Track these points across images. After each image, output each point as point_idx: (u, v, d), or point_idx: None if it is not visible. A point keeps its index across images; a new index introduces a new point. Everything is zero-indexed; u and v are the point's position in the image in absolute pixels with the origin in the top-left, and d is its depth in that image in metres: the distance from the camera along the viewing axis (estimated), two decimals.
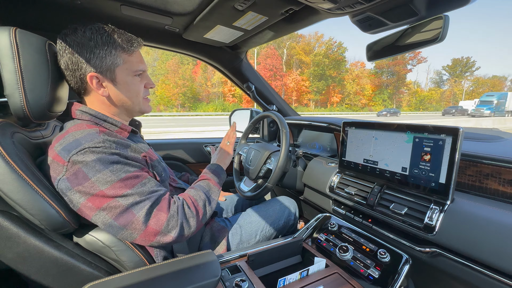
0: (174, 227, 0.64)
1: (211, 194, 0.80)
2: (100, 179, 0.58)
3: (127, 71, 0.70)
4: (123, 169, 0.61)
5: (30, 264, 0.58)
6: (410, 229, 0.76)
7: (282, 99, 1.78)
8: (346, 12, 0.85)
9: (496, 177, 0.73)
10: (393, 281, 0.70)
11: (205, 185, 0.81)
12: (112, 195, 0.58)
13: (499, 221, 0.60)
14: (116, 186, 0.58)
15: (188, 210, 0.69)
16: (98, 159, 0.58)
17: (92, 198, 0.58)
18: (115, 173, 0.59)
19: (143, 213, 0.60)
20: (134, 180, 0.62)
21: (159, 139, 1.76)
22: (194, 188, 0.79)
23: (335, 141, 1.35)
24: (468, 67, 48.88)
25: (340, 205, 1.06)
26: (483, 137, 0.96)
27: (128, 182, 0.60)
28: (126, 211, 0.59)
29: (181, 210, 0.67)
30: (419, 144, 0.78)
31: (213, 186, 0.82)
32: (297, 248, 0.87)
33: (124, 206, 0.59)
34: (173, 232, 0.64)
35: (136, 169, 0.64)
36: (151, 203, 0.62)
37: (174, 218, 0.64)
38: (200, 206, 0.73)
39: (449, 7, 0.74)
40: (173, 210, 0.65)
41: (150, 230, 0.61)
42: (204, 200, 0.75)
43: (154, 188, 0.65)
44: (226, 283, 0.68)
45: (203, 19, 1.04)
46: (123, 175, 0.60)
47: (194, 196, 0.74)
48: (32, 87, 0.60)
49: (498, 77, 57.60)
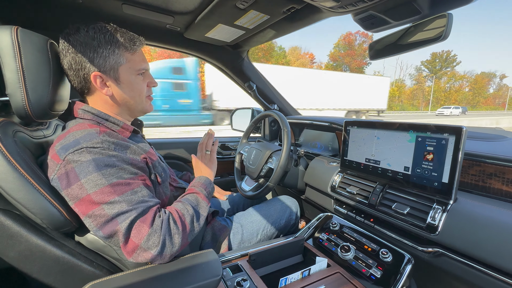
0: (156, 244, 0.57)
1: (200, 209, 0.72)
2: (90, 182, 0.56)
3: (130, 70, 0.69)
4: (116, 174, 0.58)
5: (32, 262, 0.58)
6: (412, 229, 0.75)
7: (283, 98, 1.78)
8: (349, 10, 0.84)
9: (499, 176, 0.73)
10: (395, 281, 0.69)
11: (193, 199, 0.73)
12: (98, 201, 0.56)
13: (502, 221, 0.60)
14: (105, 191, 0.56)
15: (174, 226, 0.61)
16: (93, 160, 0.57)
17: (79, 203, 0.56)
18: (106, 177, 0.57)
19: (126, 224, 0.56)
20: (125, 187, 0.59)
21: (160, 139, 1.76)
22: (182, 202, 0.71)
23: (337, 141, 1.35)
24: (448, 62, 46.37)
25: (341, 205, 1.06)
26: (487, 137, 0.95)
27: (117, 188, 0.57)
28: (111, 221, 0.56)
29: (165, 225, 0.60)
30: (421, 144, 0.77)
31: (202, 200, 0.75)
32: (299, 247, 0.86)
33: (108, 216, 0.56)
34: (154, 250, 0.57)
35: (130, 176, 0.61)
36: (136, 214, 0.57)
37: (156, 234, 0.57)
38: (187, 221, 0.65)
39: (453, 5, 0.73)
40: (157, 224, 0.59)
41: (129, 243, 0.57)
42: (192, 215, 0.68)
43: (144, 198, 0.61)
44: (227, 283, 0.68)
45: (204, 18, 1.04)
46: (114, 180, 0.57)
47: (182, 210, 0.67)
48: (33, 86, 0.60)
49: (486, 74, 56.16)
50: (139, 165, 0.65)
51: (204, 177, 0.84)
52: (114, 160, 0.59)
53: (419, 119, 21.34)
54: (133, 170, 0.63)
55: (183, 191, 0.93)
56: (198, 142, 1.21)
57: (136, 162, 0.64)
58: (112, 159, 0.59)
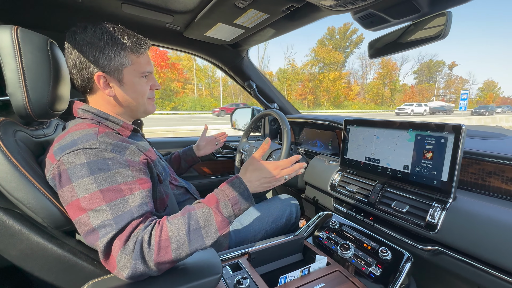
0: (126, 266, 0.51)
1: (203, 234, 0.55)
2: (80, 185, 0.54)
3: (135, 72, 0.69)
4: (109, 178, 0.56)
5: (33, 261, 0.59)
6: (412, 227, 0.76)
7: (283, 97, 1.78)
8: (348, 9, 0.84)
9: (498, 175, 0.73)
10: (394, 279, 0.70)
11: (202, 219, 0.56)
12: (85, 207, 0.53)
13: (501, 219, 0.60)
14: (94, 197, 0.54)
15: (147, 250, 0.51)
16: (87, 163, 0.56)
17: (68, 207, 0.56)
18: (97, 182, 0.55)
19: (104, 242, 0.52)
20: (115, 194, 0.55)
21: (159, 138, 1.76)
22: (181, 217, 0.56)
23: (337, 139, 1.35)
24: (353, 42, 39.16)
25: (341, 203, 1.06)
26: (486, 135, 0.96)
27: (107, 194, 0.54)
28: (93, 232, 0.53)
29: (138, 247, 0.51)
30: (421, 142, 0.77)
31: (213, 224, 0.56)
32: (299, 246, 0.87)
33: (91, 226, 0.53)
34: (125, 271, 0.51)
35: (124, 180, 0.57)
36: (116, 230, 0.52)
37: (126, 256, 0.51)
38: (170, 248, 0.52)
39: (452, 3, 0.73)
40: (129, 246, 0.51)
41: (110, 260, 0.53)
42: (181, 242, 0.53)
43: (133, 207, 0.55)
44: (227, 281, 0.69)
45: (204, 17, 1.04)
46: (105, 186, 0.55)
47: (170, 232, 0.54)
48: (34, 86, 0.60)
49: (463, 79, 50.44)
50: (137, 167, 0.62)
51: (246, 189, 0.61)
52: (109, 163, 0.58)
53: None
54: (130, 173, 0.60)
55: (184, 189, 0.93)
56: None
57: (134, 164, 0.62)
58: (108, 162, 0.58)
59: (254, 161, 0.66)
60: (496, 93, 56.87)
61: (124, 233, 0.53)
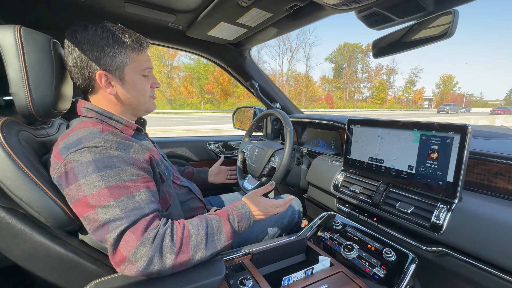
0: (144, 258, 0.52)
1: (215, 239, 0.62)
2: (88, 183, 0.55)
3: (136, 70, 0.70)
4: (116, 175, 0.57)
5: (36, 261, 0.59)
6: (416, 228, 0.75)
7: (285, 97, 1.77)
8: (352, 7, 0.83)
9: (505, 175, 0.72)
10: (399, 281, 0.69)
11: (216, 226, 0.64)
12: (93, 204, 0.54)
13: (507, 220, 0.59)
14: (101, 193, 0.55)
15: (169, 244, 0.55)
16: (93, 161, 0.56)
17: (76, 204, 0.56)
18: (104, 179, 0.56)
19: (115, 234, 0.53)
20: (122, 190, 0.56)
21: (163, 137, 1.76)
22: (200, 220, 0.64)
23: (340, 139, 1.34)
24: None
25: (344, 204, 1.05)
26: (492, 135, 0.95)
27: (114, 191, 0.55)
28: (103, 227, 0.54)
29: (159, 240, 0.54)
30: (426, 142, 0.76)
31: (223, 233, 0.64)
32: (302, 246, 0.86)
33: (101, 221, 0.54)
34: (140, 263, 0.52)
35: (130, 178, 0.59)
36: (128, 224, 0.54)
37: (145, 247, 0.53)
38: (190, 245, 0.58)
39: (458, 2, 0.72)
40: (148, 237, 0.54)
41: (117, 254, 0.53)
42: (200, 241, 0.59)
43: (141, 203, 0.58)
44: (230, 281, 0.68)
45: (206, 16, 1.04)
46: (112, 183, 0.56)
47: (191, 230, 0.60)
48: (37, 85, 0.60)
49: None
50: (141, 166, 0.63)
51: (249, 210, 0.74)
52: (115, 161, 0.58)
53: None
54: (135, 171, 0.61)
55: (187, 189, 0.93)
56: (200, 141, 1.22)
57: (139, 162, 0.63)
58: (113, 159, 0.58)
59: (256, 196, 0.80)
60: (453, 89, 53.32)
61: (137, 226, 0.55)
